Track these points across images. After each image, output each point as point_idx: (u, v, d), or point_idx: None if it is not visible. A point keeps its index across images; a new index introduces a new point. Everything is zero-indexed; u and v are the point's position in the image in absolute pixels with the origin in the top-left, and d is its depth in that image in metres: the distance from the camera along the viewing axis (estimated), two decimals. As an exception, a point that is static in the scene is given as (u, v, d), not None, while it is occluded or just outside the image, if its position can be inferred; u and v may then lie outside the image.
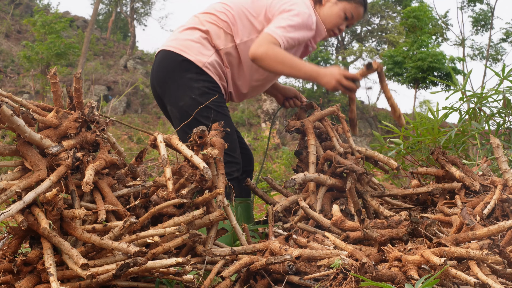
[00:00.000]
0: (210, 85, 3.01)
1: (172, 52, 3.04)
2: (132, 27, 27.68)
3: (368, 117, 23.13)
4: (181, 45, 3.03)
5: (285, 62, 2.95)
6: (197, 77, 2.99)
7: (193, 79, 2.98)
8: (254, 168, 3.41)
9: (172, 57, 3.03)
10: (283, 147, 14.20)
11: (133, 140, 14.12)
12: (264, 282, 2.09)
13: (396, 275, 1.78)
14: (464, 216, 2.17)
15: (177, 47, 3.04)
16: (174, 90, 3.02)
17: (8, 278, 1.93)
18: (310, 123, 3.14)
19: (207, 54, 3.02)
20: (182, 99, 2.99)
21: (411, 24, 17.30)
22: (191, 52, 3.01)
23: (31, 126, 2.00)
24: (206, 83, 3.00)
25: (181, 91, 3.00)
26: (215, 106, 2.97)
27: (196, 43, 3.03)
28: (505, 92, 3.83)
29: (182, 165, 2.31)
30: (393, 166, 3.08)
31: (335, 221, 2.53)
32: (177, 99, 3.01)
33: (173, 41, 3.09)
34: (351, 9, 3.21)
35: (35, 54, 14.07)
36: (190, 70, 2.99)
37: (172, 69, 3.03)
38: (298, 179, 2.82)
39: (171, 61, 3.03)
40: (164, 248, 1.98)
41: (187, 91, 2.98)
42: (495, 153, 2.80)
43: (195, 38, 3.04)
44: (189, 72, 2.99)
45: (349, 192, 2.67)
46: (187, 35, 3.07)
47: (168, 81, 3.03)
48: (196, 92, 2.97)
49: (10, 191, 1.83)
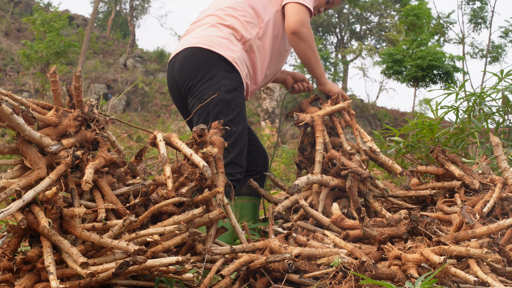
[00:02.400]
0: (236, 84, 3.03)
1: (201, 48, 3.04)
2: (132, 25, 27.66)
3: (368, 116, 23.13)
4: (210, 41, 3.04)
5: (315, 53, 3.20)
6: (226, 74, 3.01)
7: (222, 76, 3.00)
8: (268, 165, 3.41)
9: (202, 53, 3.04)
10: (282, 145, 14.20)
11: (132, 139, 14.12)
12: (263, 280, 2.09)
13: (396, 274, 1.79)
14: (463, 215, 2.17)
15: (206, 43, 3.04)
16: (201, 85, 3.02)
17: (8, 276, 1.93)
18: (320, 119, 3.08)
19: (235, 49, 3.06)
20: (207, 93, 2.98)
21: (410, 22, 17.27)
22: (221, 47, 3.03)
23: (31, 124, 2.00)
24: (234, 82, 3.01)
25: (208, 86, 3.00)
26: (235, 105, 3.00)
27: (224, 39, 3.05)
28: (504, 90, 3.83)
29: (182, 163, 2.31)
30: (397, 171, 3.06)
31: (334, 219, 2.53)
32: (202, 92, 3.01)
33: (198, 38, 3.08)
34: None
35: (34, 52, 14.05)
36: (220, 65, 3.01)
37: (202, 65, 3.03)
38: (301, 184, 2.79)
39: (200, 57, 3.03)
40: (164, 246, 1.98)
41: (214, 86, 2.99)
42: (495, 151, 2.80)
43: (223, 34, 3.07)
44: (219, 68, 3.01)
45: (349, 190, 2.67)
46: (213, 32, 3.09)
47: (198, 77, 3.03)
48: (223, 88, 2.98)
49: (10, 189, 1.83)
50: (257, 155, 3.33)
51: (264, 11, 3.18)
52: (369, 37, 29.18)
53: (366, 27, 28.80)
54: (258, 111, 18.93)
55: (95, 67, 21.28)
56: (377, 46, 28.31)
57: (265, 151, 3.42)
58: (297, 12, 3.12)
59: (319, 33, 27.92)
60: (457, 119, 3.89)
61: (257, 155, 3.33)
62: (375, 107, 25.62)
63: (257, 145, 3.37)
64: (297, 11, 3.12)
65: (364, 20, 28.47)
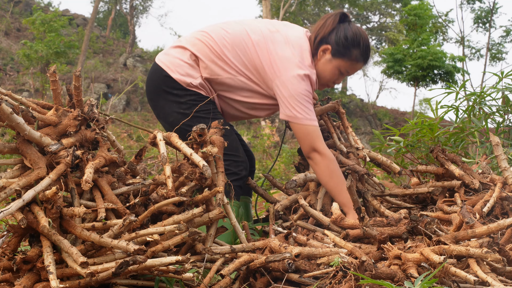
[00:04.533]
0: (196, 97, 2.92)
1: (160, 67, 2.98)
2: (132, 25, 27.66)
3: (368, 115, 23.13)
4: (170, 63, 2.96)
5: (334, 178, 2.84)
6: (183, 93, 2.92)
7: (179, 95, 2.92)
8: (255, 168, 3.36)
9: (160, 72, 2.97)
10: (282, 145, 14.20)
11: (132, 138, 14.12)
12: (263, 280, 2.09)
13: (396, 273, 1.79)
14: (463, 214, 2.17)
15: (165, 64, 2.97)
16: (162, 106, 2.98)
17: (8, 276, 1.93)
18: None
19: (194, 75, 2.93)
20: (171, 115, 2.94)
21: (411, 22, 17.29)
22: (177, 71, 2.93)
23: (31, 124, 2.00)
24: (193, 97, 2.92)
25: (168, 107, 2.95)
26: (205, 114, 2.89)
27: (184, 63, 2.94)
28: (504, 89, 3.83)
29: (182, 163, 2.31)
30: (395, 170, 3.06)
31: (334, 219, 2.53)
32: (166, 115, 2.97)
33: (165, 56, 3.02)
34: (347, 67, 2.99)
35: (34, 52, 14.06)
36: (175, 87, 2.93)
37: (159, 83, 2.98)
38: (299, 180, 2.80)
39: (158, 76, 2.98)
40: (164, 246, 1.98)
41: (174, 108, 2.93)
42: (495, 151, 2.80)
43: (186, 58, 2.95)
44: (175, 89, 2.92)
45: (348, 190, 2.66)
46: (178, 53, 2.98)
47: (157, 95, 3.00)
48: (184, 106, 2.91)
49: (10, 189, 1.83)
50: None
51: (237, 65, 2.92)
52: (369, 36, 29.18)
53: (366, 26, 28.80)
54: (258, 111, 18.91)
55: (95, 66, 21.28)
56: (377, 46, 28.30)
57: (250, 151, 3.34)
58: (304, 137, 2.86)
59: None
60: (457, 119, 3.89)
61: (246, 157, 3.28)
62: (375, 106, 25.63)
63: (244, 146, 3.31)
64: (304, 137, 2.86)
65: (364, 19, 28.46)
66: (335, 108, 3.21)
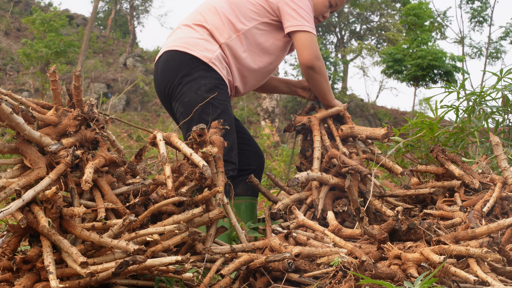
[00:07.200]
0: (217, 82, 3.01)
1: (177, 51, 3.04)
2: (132, 25, 27.66)
3: (368, 115, 23.12)
4: (186, 43, 3.03)
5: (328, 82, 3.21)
6: (205, 74, 2.99)
7: (201, 76, 2.99)
8: (264, 164, 3.40)
9: (178, 56, 3.03)
10: (282, 145, 14.20)
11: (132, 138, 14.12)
12: (263, 280, 2.09)
13: (396, 273, 1.78)
14: (470, 219, 2.17)
15: (182, 46, 3.03)
16: (182, 88, 3.02)
17: (8, 276, 1.93)
18: (316, 120, 3.17)
19: (212, 49, 3.02)
20: (188, 95, 3.00)
21: (411, 22, 17.27)
22: (197, 48, 3.01)
23: (31, 124, 2.00)
24: (213, 80, 3.00)
25: (188, 88, 3.00)
26: (218, 103, 2.97)
27: (200, 40, 3.03)
28: (503, 89, 3.83)
29: (182, 163, 2.31)
30: (397, 171, 3.07)
31: (331, 230, 2.51)
32: (184, 95, 3.01)
33: (176, 41, 3.08)
34: None
35: (34, 52, 14.05)
36: (197, 67, 3.00)
37: (179, 68, 3.02)
38: (301, 178, 2.80)
39: (177, 60, 3.03)
40: (164, 246, 1.98)
41: (194, 87, 2.99)
42: (495, 151, 2.80)
43: (199, 35, 3.05)
44: (197, 69, 3.00)
45: (348, 189, 2.66)
46: (189, 33, 3.07)
47: (177, 80, 3.03)
48: (203, 88, 2.97)
49: (10, 189, 1.83)
50: (250, 154, 3.32)
51: (241, 23, 3.10)
52: (369, 36, 29.17)
53: (366, 26, 28.80)
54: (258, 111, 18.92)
55: (95, 66, 21.27)
56: (377, 46, 28.30)
57: (259, 149, 3.41)
58: (310, 45, 3.07)
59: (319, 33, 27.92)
60: (457, 119, 3.89)
61: (250, 153, 3.32)
62: (375, 106, 25.63)
63: (251, 143, 3.36)
64: (310, 44, 3.07)
65: (364, 19, 28.46)
66: (341, 112, 3.26)
